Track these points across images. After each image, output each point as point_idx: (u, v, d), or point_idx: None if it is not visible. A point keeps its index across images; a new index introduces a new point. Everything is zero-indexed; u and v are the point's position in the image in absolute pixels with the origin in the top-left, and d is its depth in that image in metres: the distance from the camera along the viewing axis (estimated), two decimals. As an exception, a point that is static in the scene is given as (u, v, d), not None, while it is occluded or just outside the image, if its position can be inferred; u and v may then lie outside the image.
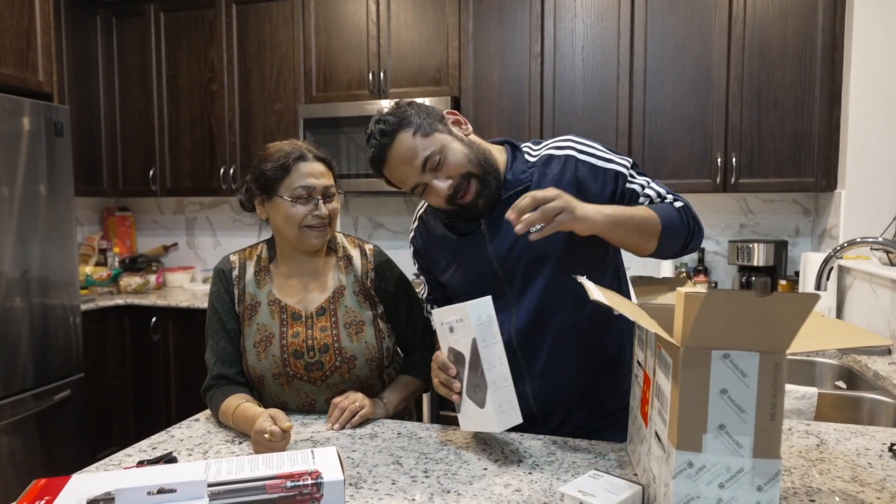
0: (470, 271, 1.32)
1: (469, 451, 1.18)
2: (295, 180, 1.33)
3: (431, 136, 1.22)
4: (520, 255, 1.27)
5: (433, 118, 1.24)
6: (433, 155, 1.21)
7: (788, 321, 0.78)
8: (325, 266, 1.44)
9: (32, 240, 2.55)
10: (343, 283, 1.42)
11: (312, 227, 1.34)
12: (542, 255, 1.26)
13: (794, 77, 2.61)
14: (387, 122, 1.22)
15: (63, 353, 2.69)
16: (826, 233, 2.75)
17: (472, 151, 1.24)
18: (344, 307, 1.40)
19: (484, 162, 1.25)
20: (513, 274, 1.29)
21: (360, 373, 1.38)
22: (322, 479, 0.82)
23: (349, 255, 1.46)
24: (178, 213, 3.92)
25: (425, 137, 1.21)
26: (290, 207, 1.33)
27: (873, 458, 1.12)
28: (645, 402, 1.01)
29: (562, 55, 2.85)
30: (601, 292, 0.98)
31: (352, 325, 1.39)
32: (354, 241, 1.49)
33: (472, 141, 1.27)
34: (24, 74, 2.58)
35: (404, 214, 3.49)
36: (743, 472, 0.81)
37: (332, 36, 3.17)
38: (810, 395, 1.69)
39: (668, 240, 1.21)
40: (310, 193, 1.33)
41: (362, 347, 1.38)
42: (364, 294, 1.43)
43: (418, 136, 1.21)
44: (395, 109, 1.25)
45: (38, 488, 0.79)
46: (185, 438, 1.28)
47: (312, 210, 1.33)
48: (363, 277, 1.44)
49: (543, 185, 1.24)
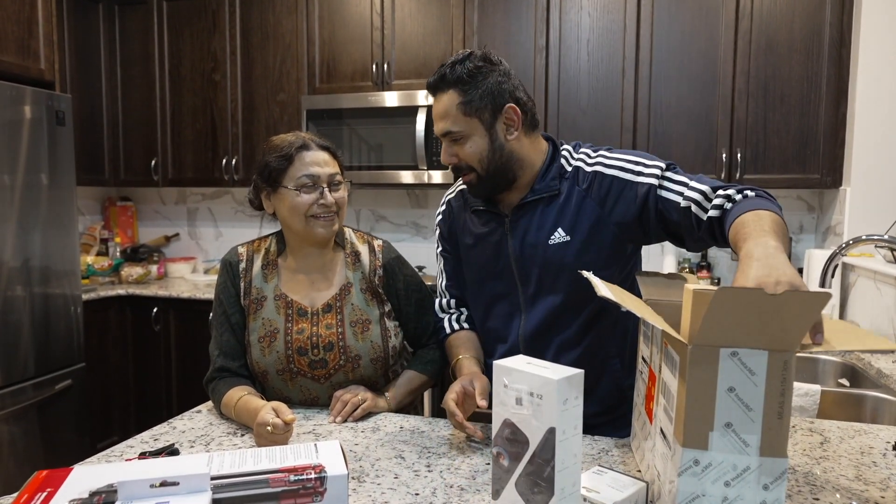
0: (489, 264, 1.34)
1: (472, 445, 1.17)
2: (298, 169, 1.32)
3: (468, 118, 1.22)
4: (536, 260, 1.29)
5: (490, 104, 1.22)
6: (455, 133, 1.23)
7: (798, 320, 0.77)
8: (333, 262, 1.42)
9: (34, 229, 2.54)
10: (350, 279, 1.40)
11: (318, 217, 1.33)
12: (559, 265, 1.27)
13: (800, 73, 2.60)
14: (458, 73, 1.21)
15: (64, 343, 2.69)
16: (830, 230, 2.73)
17: (492, 154, 1.24)
18: (350, 305, 1.38)
19: (497, 168, 1.25)
20: (527, 278, 1.31)
21: (365, 372, 1.37)
22: (325, 473, 0.81)
23: (357, 251, 1.44)
24: (179, 203, 3.91)
25: (464, 115, 1.22)
26: (294, 197, 1.31)
27: (877, 457, 1.12)
28: (650, 399, 1.00)
29: (567, 48, 2.83)
30: (608, 288, 0.97)
31: (358, 323, 1.37)
32: (363, 237, 1.47)
33: (503, 145, 1.25)
34: (25, 62, 2.57)
35: (407, 207, 3.48)
36: (749, 471, 0.81)
37: (335, 27, 3.15)
38: (813, 392, 1.68)
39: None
40: (314, 182, 1.32)
41: (367, 346, 1.37)
42: (371, 292, 1.41)
43: (460, 107, 1.22)
44: (476, 66, 1.22)
45: (39, 480, 0.78)
46: (186, 430, 1.27)
47: (318, 199, 1.32)
48: (371, 275, 1.42)
49: (571, 198, 1.26)
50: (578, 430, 0.86)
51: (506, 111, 1.24)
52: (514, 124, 1.25)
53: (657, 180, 1.19)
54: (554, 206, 1.28)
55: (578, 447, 0.86)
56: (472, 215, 1.38)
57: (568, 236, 1.26)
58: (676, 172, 1.21)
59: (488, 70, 1.23)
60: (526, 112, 1.27)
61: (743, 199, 1.07)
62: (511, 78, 1.26)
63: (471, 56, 1.24)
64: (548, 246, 1.27)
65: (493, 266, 1.34)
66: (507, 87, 1.24)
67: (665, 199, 1.18)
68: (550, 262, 1.27)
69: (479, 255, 1.36)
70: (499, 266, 1.33)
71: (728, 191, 1.10)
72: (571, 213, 1.26)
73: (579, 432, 0.87)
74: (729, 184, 1.13)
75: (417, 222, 3.47)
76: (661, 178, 1.20)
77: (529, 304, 1.32)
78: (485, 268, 1.35)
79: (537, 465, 0.85)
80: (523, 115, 1.26)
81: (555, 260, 1.27)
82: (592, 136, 2.79)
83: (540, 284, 1.30)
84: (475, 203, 1.36)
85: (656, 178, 1.20)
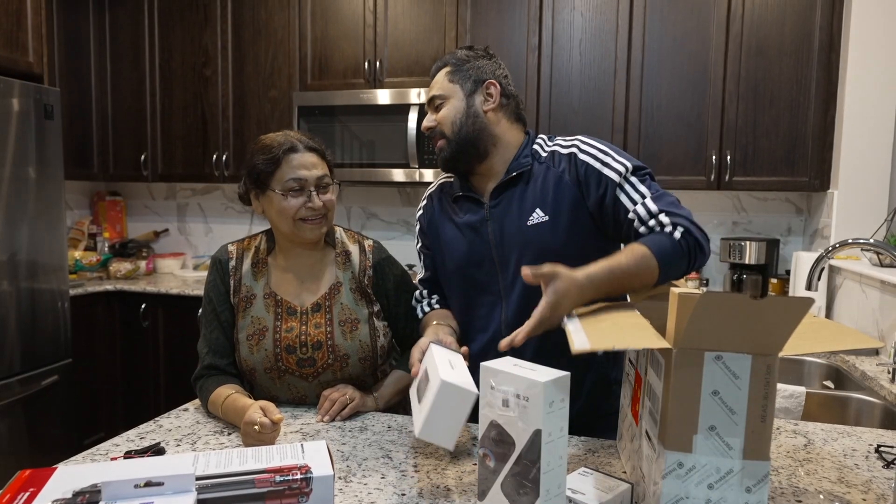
0: (470, 255, 1.35)
1: (459, 446, 1.18)
2: (286, 173, 1.31)
3: (451, 84, 1.34)
4: (515, 244, 1.29)
5: (474, 75, 1.34)
6: (437, 98, 1.35)
7: (782, 325, 0.77)
8: (323, 261, 1.42)
9: (21, 223, 2.52)
10: (340, 279, 1.40)
11: (306, 220, 1.32)
12: (538, 246, 1.27)
13: (790, 76, 2.61)
14: (454, 53, 1.39)
15: (51, 339, 2.67)
16: (818, 232, 2.76)
17: (465, 120, 1.31)
18: (340, 304, 1.38)
19: (467, 135, 1.31)
20: (507, 262, 1.31)
21: (353, 371, 1.37)
22: (311, 473, 0.81)
23: (348, 250, 1.44)
24: (169, 198, 3.89)
25: (448, 82, 1.34)
26: (282, 201, 1.31)
27: (860, 459, 1.13)
28: (636, 401, 1.01)
29: (559, 48, 2.84)
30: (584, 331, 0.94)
31: (346, 322, 1.37)
32: (354, 237, 1.47)
33: (477, 113, 1.32)
34: (14, 55, 2.54)
35: (398, 205, 3.48)
36: (732, 474, 0.82)
37: (328, 23, 3.14)
38: (798, 394, 1.70)
39: (667, 274, 1.14)
40: (302, 186, 1.31)
41: (356, 345, 1.37)
42: (360, 292, 1.41)
43: (447, 77, 1.35)
44: (473, 52, 1.38)
45: (22, 479, 0.78)
46: (173, 429, 1.27)
47: (305, 202, 1.31)
48: (360, 275, 1.42)
49: (548, 179, 1.29)
50: (564, 432, 0.87)
51: (486, 85, 1.34)
52: (493, 99, 1.33)
53: (619, 178, 1.23)
54: (532, 188, 1.30)
55: (564, 449, 0.87)
56: (453, 204, 1.39)
57: (546, 216, 1.27)
58: (642, 179, 1.23)
59: (482, 56, 1.37)
60: (508, 96, 1.36)
61: (660, 232, 1.16)
62: (502, 69, 1.38)
63: (472, 47, 1.40)
64: (526, 227, 1.28)
65: (473, 253, 1.34)
66: (495, 70, 1.36)
67: (619, 200, 1.23)
68: (529, 244, 1.28)
69: (459, 244, 1.37)
70: (479, 253, 1.33)
71: (666, 218, 1.17)
72: (550, 194, 1.28)
73: (565, 434, 0.87)
74: (678, 211, 1.18)
75: (408, 220, 3.47)
76: (623, 177, 1.23)
77: (509, 291, 1.31)
78: (465, 256, 1.35)
79: (523, 467, 0.86)
80: (504, 98, 1.35)
81: (534, 241, 1.27)
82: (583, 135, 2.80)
83: (519, 268, 1.27)
84: (455, 191, 1.39)
85: (619, 176, 1.23)
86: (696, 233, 1.15)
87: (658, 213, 1.18)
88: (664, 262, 1.12)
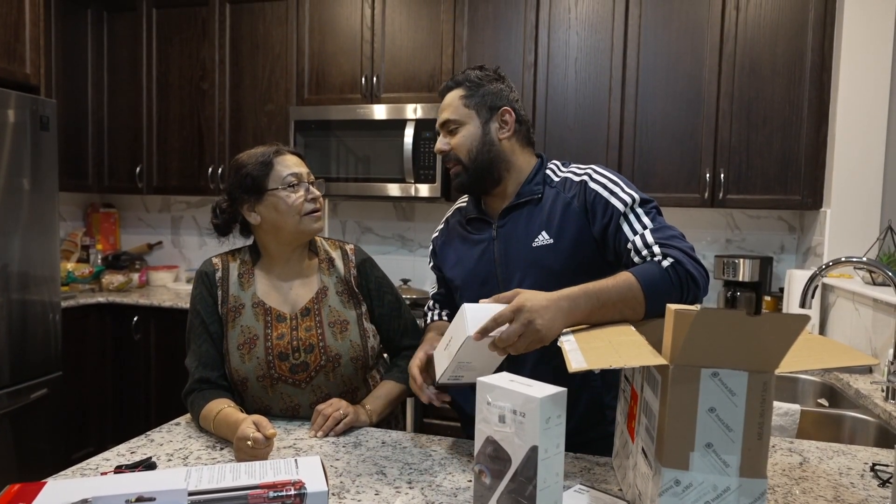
0: (476, 272, 1.38)
1: (453, 462, 1.17)
2: (281, 171, 1.38)
3: (467, 110, 1.34)
4: (519, 264, 1.32)
5: (489, 101, 1.34)
6: (451, 122, 1.35)
7: (778, 341, 0.78)
8: (309, 268, 1.46)
9: (14, 234, 2.50)
10: (326, 283, 1.44)
11: (310, 213, 1.38)
12: (541, 268, 1.29)
13: (782, 95, 2.64)
14: (467, 75, 1.37)
15: (41, 351, 2.64)
16: (811, 250, 2.77)
17: (481, 146, 1.33)
18: (328, 307, 1.41)
19: (482, 162, 1.33)
20: (510, 282, 1.33)
21: (345, 371, 1.39)
22: (305, 489, 0.81)
23: (331, 257, 1.49)
24: (163, 211, 3.87)
25: (464, 106, 1.34)
26: (286, 197, 1.36)
27: (855, 478, 1.13)
28: (632, 418, 1.00)
29: (555, 66, 2.86)
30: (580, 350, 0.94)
31: (336, 323, 1.40)
32: (335, 243, 1.52)
33: (493, 141, 1.34)
34: (10, 66, 2.54)
35: (393, 219, 3.48)
36: (729, 492, 0.81)
37: (325, 38, 3.16)
38: (793, 412, 1.70)
39: (655, 304, 1.11)
40: (299, 180, 1.39)
41: (347, 346, 1.39)
42: (348, 293, 1.45)
43: (462, 100, 1.34)
44: (485, 74, 1.37)
45: (12, 493, 0.76)
46: (164, 443, 1.25)
47: (306, 195, 1.38)
48: (346, 276, 1.46)
49: (557, 204, 1.31)
50: (561, 449, 0.87)
51: (502, 112, 1.34)
52: (508, 126, 1.35)
53: (624, 208, 1.24)
54: (539, 211, 1.32)
55: (560, 466, 0.87)
56: (467, 225, 1.43)
57: (551, 239, 1.29)
58: (647, 212, 1.24)
59: (494, 79, 1.37)
60: (521, 122, 1.37)
61: (650, 261, 1.16)
62: (514, 93, 1.39)
63: (483, 67, 1.39)
64: (531, 248, 1.30)
65: (478, 270, 1.37)
66: (508, 95, 1.37)
67: (621, 229, 1.23)
68: (532, 265, 1.30)
69: (467, 262, 1.40)
70: (484, 271, 1.37)
71: (658, 249, 1.17)
72: (557, 219, 1.30)
73: (561, 451, 0.87)
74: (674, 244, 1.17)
75: (403, 235, 3.47)
76: (629, 207, 1.24)
77: None
78: (471, 272, 1.39)
79: (519, 483, 0.85)
80: (518, 123, 1.36)
81: (538, 262, 1.29)
82: (578, 152, 2.82)
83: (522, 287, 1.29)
84: (468, 213, 1.43)
85: (624, 206, 1.24)
86: (688, 264, 1.13)
87: (653, 244, 1.18)
88: (650, 291, 1.11)
